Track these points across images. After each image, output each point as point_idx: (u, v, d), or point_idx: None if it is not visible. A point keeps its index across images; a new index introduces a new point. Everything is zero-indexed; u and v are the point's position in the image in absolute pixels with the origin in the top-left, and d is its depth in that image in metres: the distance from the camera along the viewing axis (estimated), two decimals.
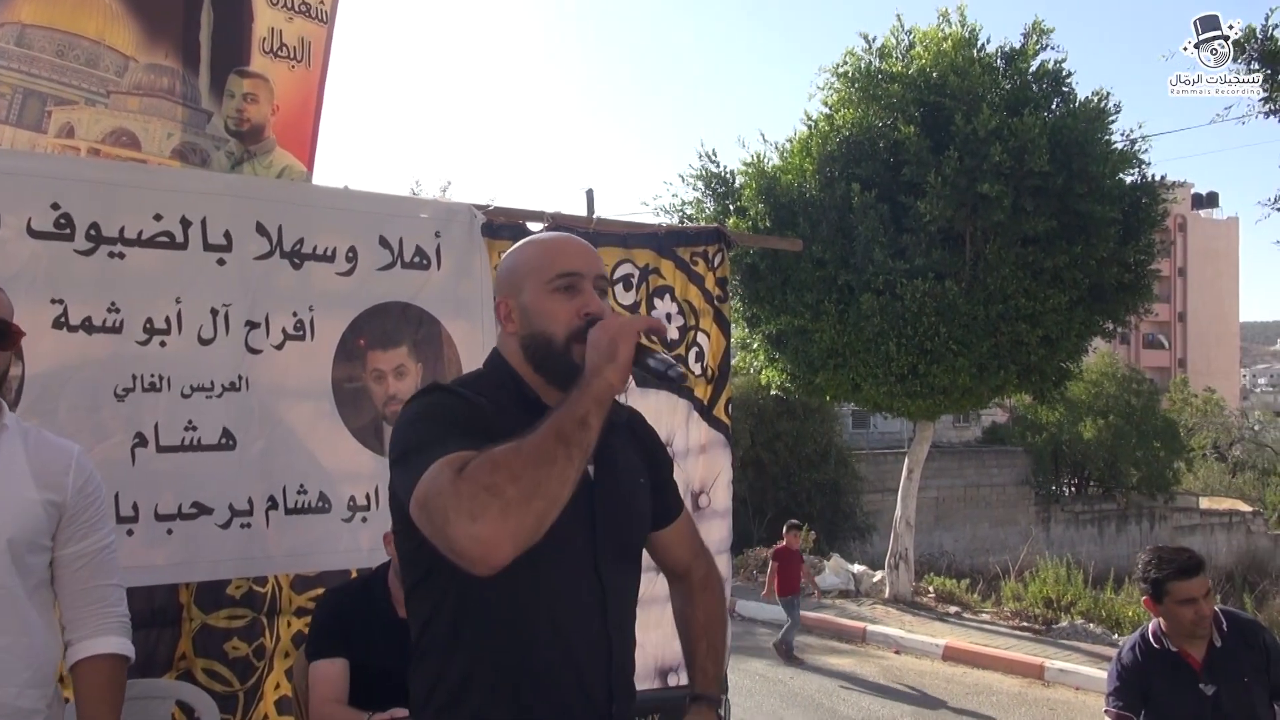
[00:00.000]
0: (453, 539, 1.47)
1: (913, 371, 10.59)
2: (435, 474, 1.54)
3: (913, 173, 10.16)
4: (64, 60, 3.19)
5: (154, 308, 3.10)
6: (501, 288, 1.88)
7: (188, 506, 3.09)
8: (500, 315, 1.88)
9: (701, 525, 4.14)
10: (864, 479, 21.77)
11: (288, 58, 3.62)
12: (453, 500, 1.47)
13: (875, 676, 8.86)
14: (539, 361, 1.80)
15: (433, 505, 1.51)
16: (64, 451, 2.17)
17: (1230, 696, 3.29)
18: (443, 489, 1.50)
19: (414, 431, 1.69)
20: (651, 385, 3.92)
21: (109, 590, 2.18)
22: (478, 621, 1.71)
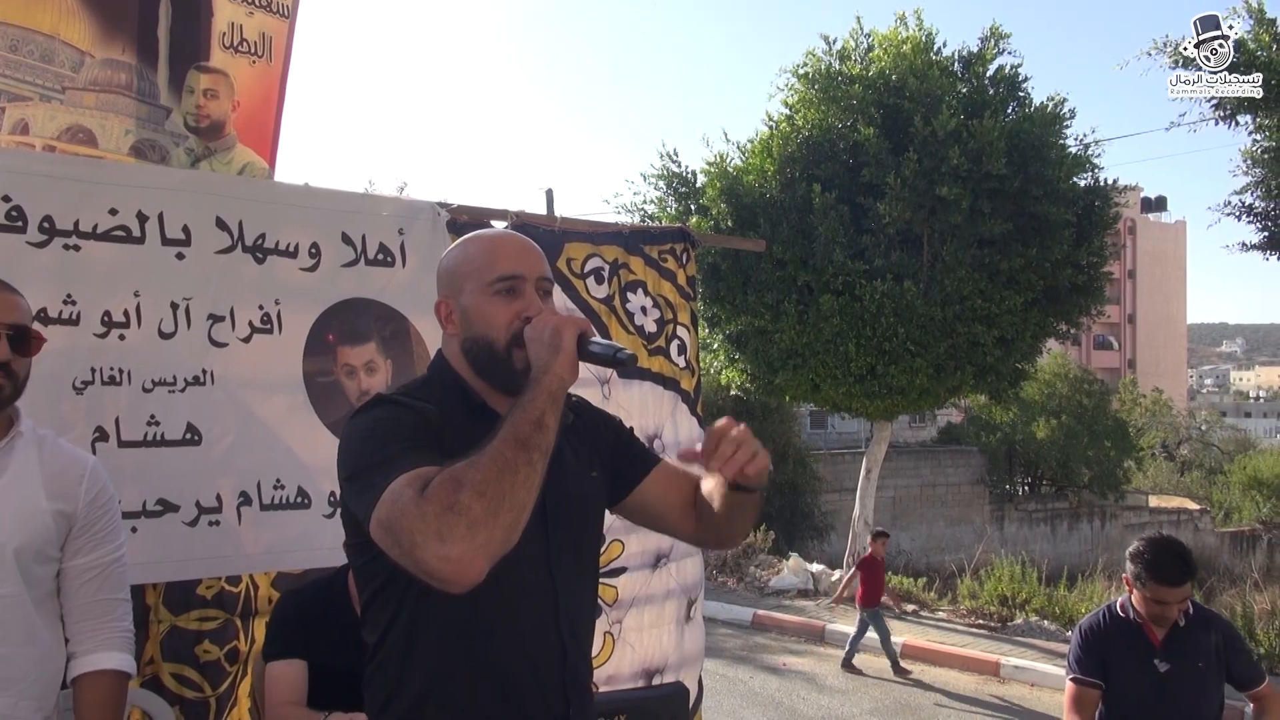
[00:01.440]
0: (423, 561, 1.45)
1: (871, 372, 10.69)
2: (396, 495, 1.50)
3: (872, 174, 10.25)
4: (17, 55, 3.11)
5: (112, 301, 3.04)
6: (442, 287, 1.84)
7: (152, 503, 3.03)
8: (440, 316, 1.84)
9: None
10: (822, 479, 21.94)
11: (248, 53, 3.57)
12: (418, 522, 1.44)
13: (834, 675, 8.92)
14: (480, 366, 1.78)
15: (398, 528, 1.48)
16: (78, 461, 2.14)
17: (1181, 677, 3.36)
18: (406, 511, 1.47)
19: (365, 448, 1.65)
20: (600, 369, 3.92)
21: (116, 604, 2.15)
22: (436, 630, 1.70)
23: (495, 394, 1.79)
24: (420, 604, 1.68)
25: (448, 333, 1.83)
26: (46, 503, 2.04)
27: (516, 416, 1.54)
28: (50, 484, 2.06)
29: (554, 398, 1.58)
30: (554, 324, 1.65)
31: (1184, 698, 3.37)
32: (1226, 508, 31.75)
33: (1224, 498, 32.45)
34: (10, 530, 1.97)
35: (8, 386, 1.97)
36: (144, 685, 3.03)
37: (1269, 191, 9.67)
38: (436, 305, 1.85)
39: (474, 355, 1.78)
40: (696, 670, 4.22)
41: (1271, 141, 9.03)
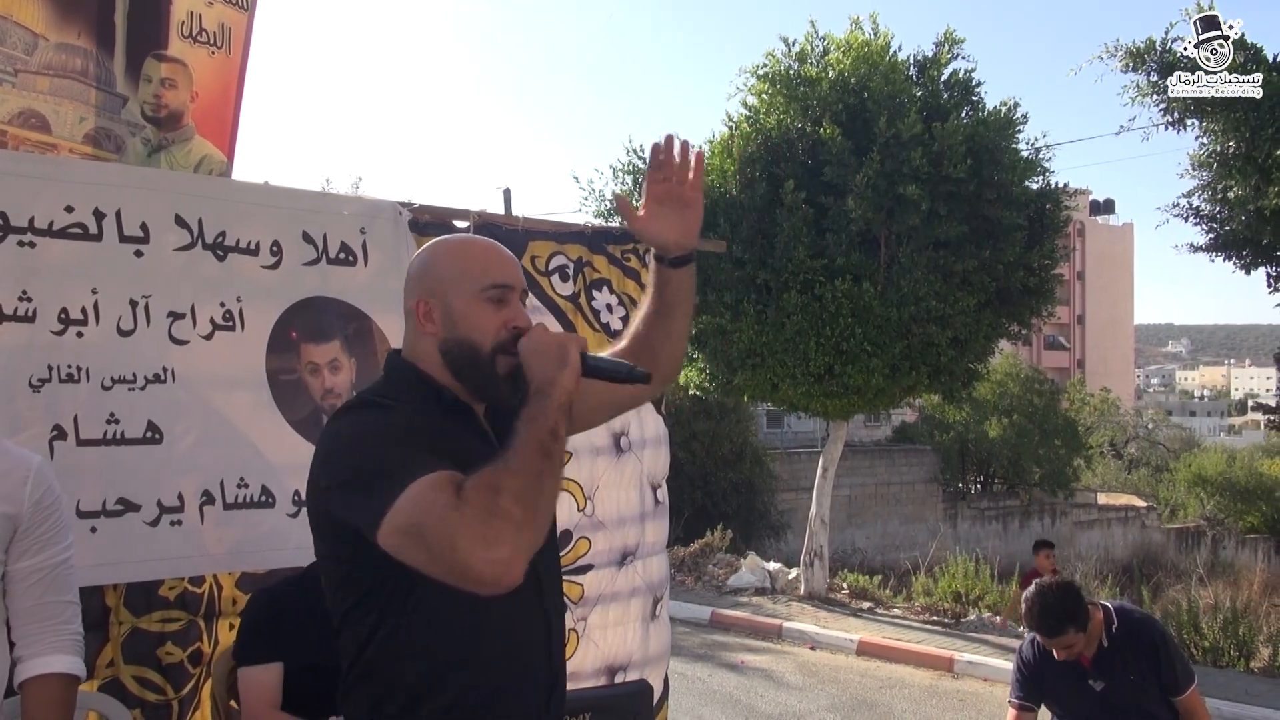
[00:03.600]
0: (468, 565, 1.46)
1: (829, 371, 10.76)
2: (422, 499, 1.50)
3: (834, 173, 10.32)
4: None
5: (69, 298, 2.99)
6: (423, 288, 1.81)
7: (112, 503, 2.98)
8: (419, 314, 1.81)
9: (655, 522, 4.19)
10: (778, 478, 22.06)
11: (207, 43, 3.51)
12: (460, 527, 1.46)
13: (791, 672, 8.97)
14: (459, 369, 1.77)
15: (433, 533, 1.48)
16: (22, 462, 2.08)
17: (1118, 691, 3.47)
18: (444, 516, 1.47)
19: (361, 453, 1.63)
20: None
21: (64, 606, 2.09)
22: (429, 633, 1.69)
23: (466, 394, 1.80)
24: (417, 608, 1.68)
25: (424, 331, 1.80)
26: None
27: (534, 427, 1.56)
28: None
29: (563, 409, 1.60)
30: (559, 339, 1.68)
31: (1128, 709, 3.48)
32: (1172, 505, 32.46)
33: (1170, 495, 33.16)
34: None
35: None
36: (104, 689, 2.97)
37: (1214, 195, 9.88)
38: (414, 304, 1.81)
39: (453, 356, 1.77)
40: (662, 668, 4.23)
41: (1217, 146, 9.22)
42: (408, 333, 1.86)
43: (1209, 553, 24.75)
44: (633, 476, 4.11)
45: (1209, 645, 9.72)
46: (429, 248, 1.88)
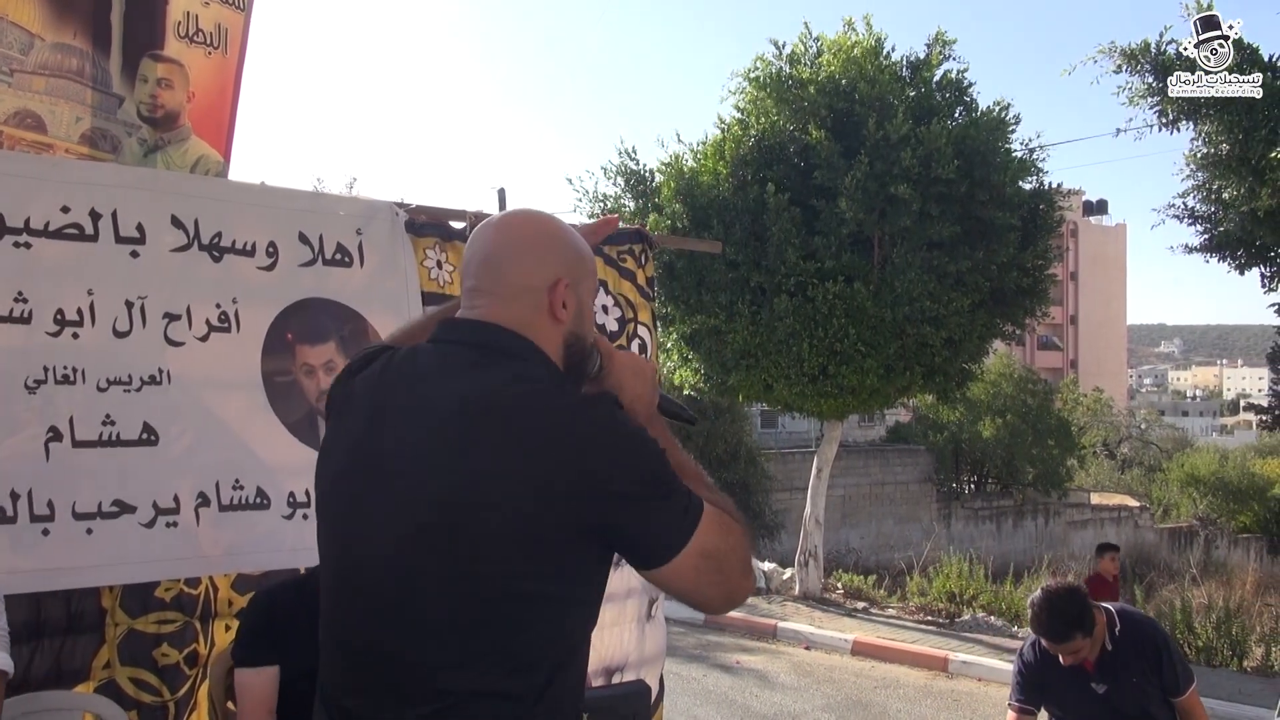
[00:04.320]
0: (743, 591, 1.50)
1: (823, 372, 10.78)
2: (720, 522, 1.47)
3: (824, 176, 10.34)
4: None
5: (64, 299, 2.98)
6: (564, 268, 1.61)
7: (108, 505, 2.96)
8: (556, 298, 1.59)
9: None
10: (773, 478, 22.08)
11: (204, 43, 3.50)
12: (745, 554, 1.49)
13: (786, 672, 8.98)
14: (571, 364, 1.61)
15: (732, 559, 1.46)
16: None
17: (1120, 694, 3.47)
18: (739, 543, 1.48)
19: (658, 459, 1.47)
20: None
21: None
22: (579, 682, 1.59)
23: None
24: (581, 658, 1.57)
25: (556, 318, 1.60)
26: None
27: (684, 457, 1.57)
28: None
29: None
30: (652, 364, 1.68)
31: (1130, 711, 3.48)
32: (1165, 504, 32.53)
33: (1163, 495, 33.24)
34: None
35: None
36: (100, 690, 2.97)
37: (1209, 196, 9.91)
38: (550, 282, 1.59)
39: (572, 352, 1.61)
40: (658, 669, 4.23)
41: (1211, 148, 9.25)
42: (521, 310, 1.59)
43: (1202, 552, 24.82)
44: None
45: (1202, 645, 9.76)
46: (556, 224, 1.68)
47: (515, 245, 1.62)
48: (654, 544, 1.43)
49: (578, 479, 1.41)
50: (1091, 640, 3.44)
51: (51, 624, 2.92)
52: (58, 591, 2.92)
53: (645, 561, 1.46)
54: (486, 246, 1.63)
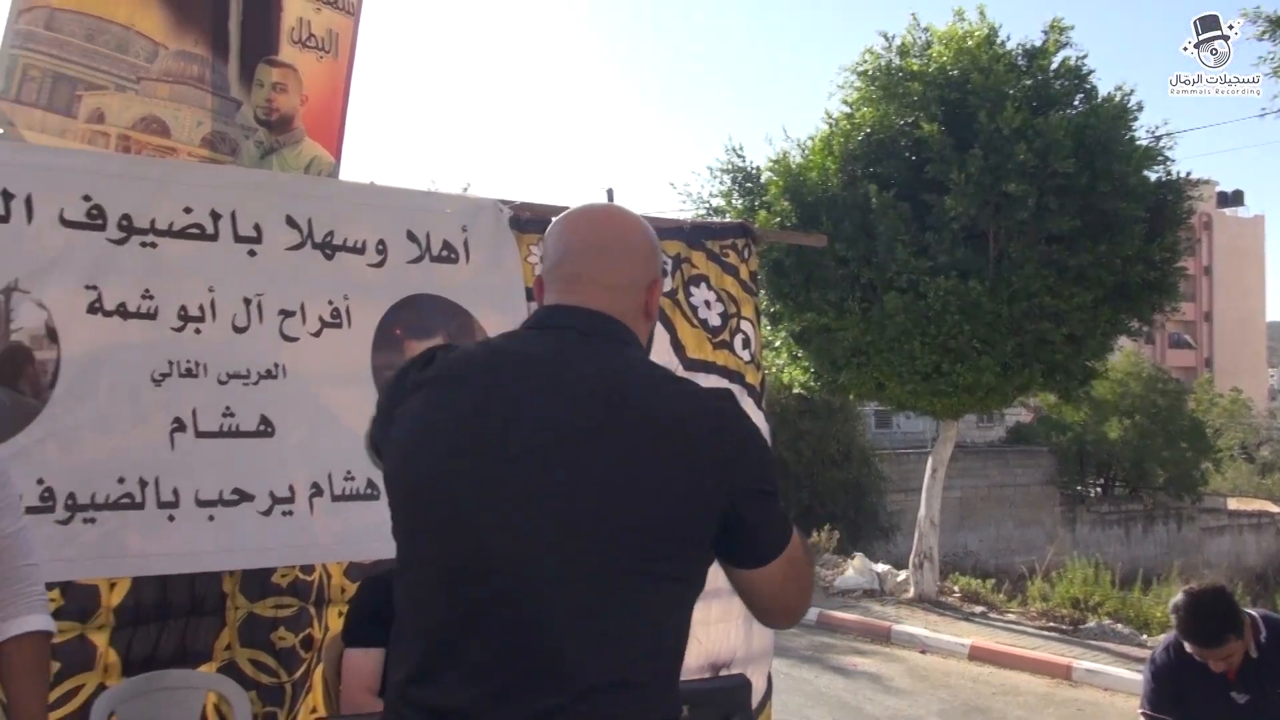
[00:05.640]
0: (806, 607, 1.59)
1: (937, 370, 10.54)
2: (800, 536, 1.53)
3: (936, 170, 10.12)
4: (94, 45, 3.19)
5: (187, 296, 3.12)
6: (659, 270, 1.65)
7: (228, 493, 3.09)
8: (653, 298, 1.63)
9: None
10: (887, 479, 21.66)
11: (316, 48, 3.63)
12: (813, 569, 1.62)
13: (901, 676, 8.81)
14: None
15: (805, 571, 1.53)
16: None
17: (1264, 706, 3.24)
18: (810, 557, 1.55)
19: (773, 463, 1.56)
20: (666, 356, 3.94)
21: (29, 570, 2.17)
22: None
23: None
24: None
25: (648, 316, 1.64)
26: None
27: None
28: None
29: None
30: None
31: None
32: None
33: None
34: None
35: None
36: (222, 670, 3.09)
37: None
38: (650, 281, 1.63)
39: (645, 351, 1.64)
40: (765, 666, 4.19)
41: None
42: (624, 303, 1.59)
43: None
44: None
45: None
46: (649, 224, 1.69)
47: (626, 239, 1.62)
48: (767, 541, 1.47)
49: (732, 473, 1.43)
50: (1240, 645, 3.24)
51: (177, 606, 3.05)
52: (182, 575, 3.05)
53: (751, 558, 1.46)
54: (597, 236, 1.62)
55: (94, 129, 3.21)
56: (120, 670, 2.94)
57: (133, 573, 2.96)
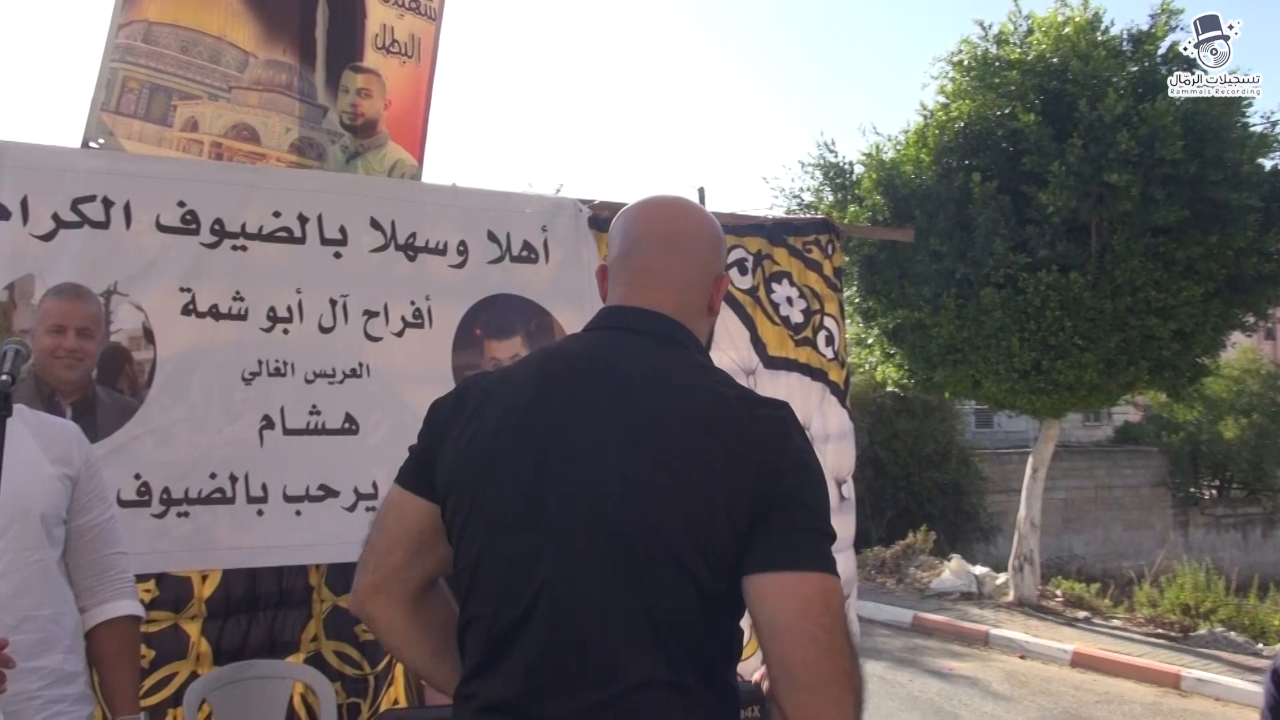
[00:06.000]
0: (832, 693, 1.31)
1: (1036, 368, 10.23)
2: (842, 618, 1.34)
3: (1034, 162, 9.82)
4: (188, 56, 3.32)
5: (276, 297, 3.22)
6: (724, 264, 1.65)
7: (315, 488, 3.19)
8: (719, 292, 1.62)
9: (841, 519, 4.10)
10: (988, 479, 21.13)
11: (399, 53, 3.71)
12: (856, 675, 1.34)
13: (999, 681, 8.58)
14: None
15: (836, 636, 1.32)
16: (65, 429, 2.26)
17: None
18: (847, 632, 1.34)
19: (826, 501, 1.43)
20: (743, 358, 3.92)
21: (118, 558, 2.26)
22: None
23: None
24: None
25: (712, 311, 1.63)
26: (51, 468, 2.14)
27: None
28: (48, 450, 2.16)
29: None
30: None
31: None
32: None
33: None
34: (34, 496, 2.08)
35: None
36: (308, 661, 3.18)
37: None
38: (720, 277, 1.63)
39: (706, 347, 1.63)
40: None
41: None
42: (690, 302, 1.59)
43: None
44: None
45: None
46: (707, 215, 1.66)
47: (695, 232, 1.60)
48: (791, 548, 1.35)
49: (772, 479, 1.38)
50: None
51: (265, 598, 3.15)
52: (270, 568, 3.15)
53: (764, 559, 1.35)
54: (666, 227, 1.60)
55: (188, 137, 3.34)
56: (211, 659, 3.05)
57: (223, 565, 3.07)
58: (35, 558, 2.07)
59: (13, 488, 2.02)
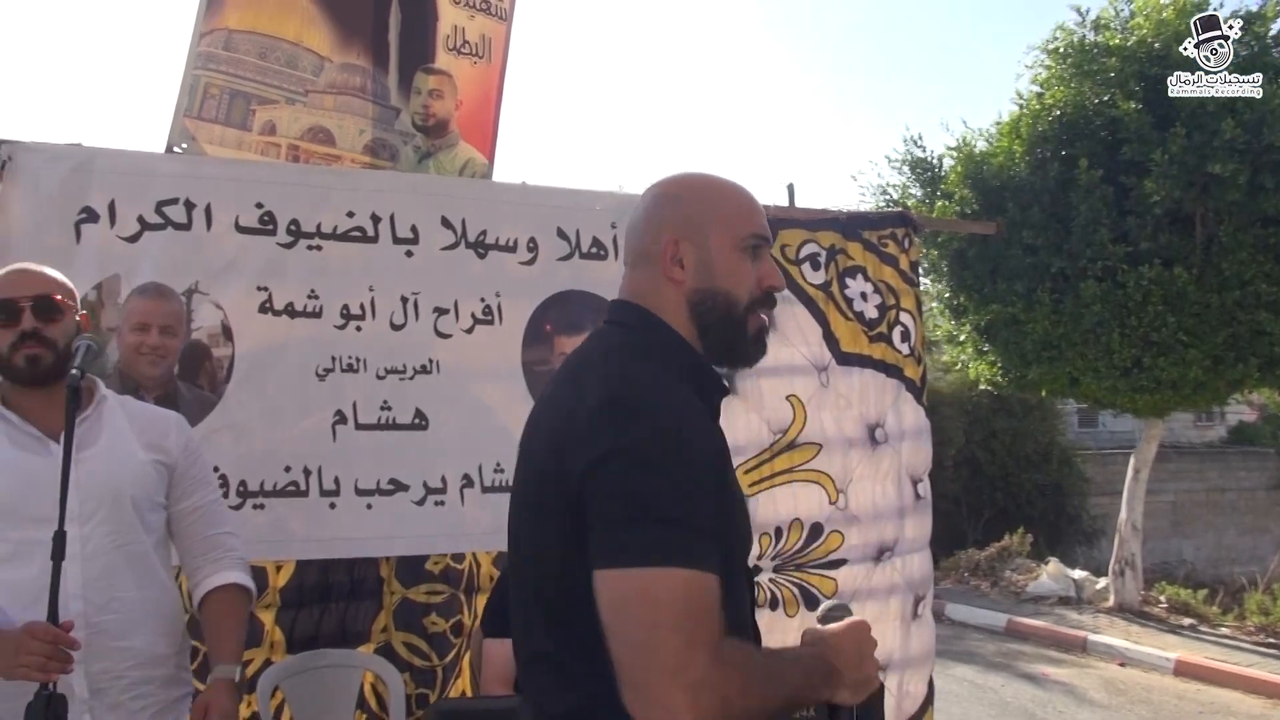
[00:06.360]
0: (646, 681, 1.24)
1: (1137, 364, 9.85)
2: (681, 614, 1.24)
3: (1134, 151, 9.46)
4: (266, 62, 3.42)
5: (349, 295, 3.29)
6: (674, 226, 1.57)
7: (385, 482, 3.25)
8: (667, 258, 1.55)
9: (916, 518, 4.03)
10: (1091, 481, 20.46)
11: (470, 54, 3.76)
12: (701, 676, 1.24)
13: (1096, 689, 8.31)
14: (709, 324, 1.55)
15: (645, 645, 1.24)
16: (163, 417, 2.35)
17: None
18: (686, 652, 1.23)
19: (664, 479, 1.31)
20: (815, 353, 3.87)
21: (225, 537, 2.34)
22: None
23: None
24: None
25: (671, 278, 1.56)
26: (144, 454, 2.23)
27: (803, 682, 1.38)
28: (142, 437, 2.24)
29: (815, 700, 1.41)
30: (877, 665, 1.48)
31: None
32: None
33: None
34: (126, 482, 2.17)
35: (47, 355, 2.10)
36: (378, 652, 3.25)
37: None
38: (660, 244, 1.56)
39: (705, 310, 1.55)
40: (925, 671, 4.05)
41: None
42: (639, 278, 1.60)
43: None
44: (890, 470, 3.96)
45: None
46: (677, 182, 1.63)
47: (636, 213, 1.64)
48: (608, 540, 1.30)
49: (601, 480, 1.33)
50: None
51: (337, 589, 3.23)
52: (342, 560, 3.22)
53: (593, 557, 1.32)
54: (632, 214, 1.67)
55: (266, 140, 3.44)
56: (285, 647, 3.14)
57: (297, 556, 3.16)
58: (125, 540, 2.15)
59: (104, 471, 2.13)
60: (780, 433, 3.80)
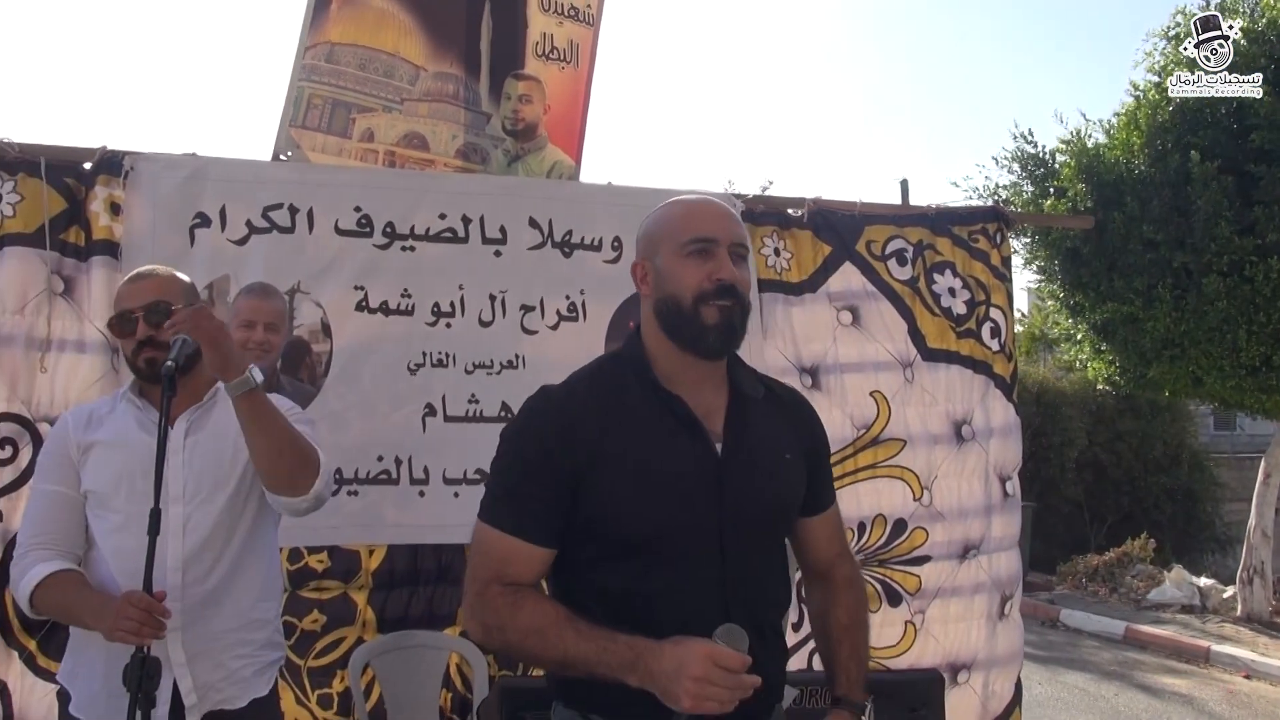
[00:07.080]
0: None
1: (1266, 363, 9.37)
2: (477, 554, 1.80)
3: (1264, 138, 9.01)
4: (365, 73, 3.61)
5: (440, 294, 3.45)
6: (639, 250, 1.89)
7: (471, 473, 3.40)
8: (636, 278, 1.88)
9: (1004, 516, 3.99)
10: (1226, 485, 19.52)
11: (558, 60, 3.88)
12: (471, 601, 1.76)
13: (1218, 702, 7.98)
14: (670, 325, 1.80)
15: (467, 575, 1.80)
16: (278, 403, 2.45)
17: None
18: (470, 581, 1.77)
19: (501, 461, 1.85)
20: (900, 349, 3.86)
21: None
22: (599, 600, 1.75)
23: (682, 359, 1.81)
24: (587, 574, 1.80)
25: (643, 294, 1.88)
26: None
27: (597, 658, 1.62)
28: None
29: (607, 672, 1.63)
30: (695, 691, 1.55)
31: None
32: None
33: None
34: (227, 460, 2.31)
35: (162, 356, 2.19)
36: (463, 635, 3.38)
37: None
38: (633, 267, 1.90)
39: (664, 315, 1.81)
40: (1013, 671, 4.00)
41: None
42: (642, 303, 1.91)
43: None
44: (976, 467, 3.92)
45: None
46: (646, 215, 1.94)
47: None
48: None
49: None
50: None
51: (426, 573, 3.39)
52: (430, 545, 3.38)
53: None
54: None
55: (365, 147, 3.62)
56: (376, 627, 3.31)
57: (388, 541, 3.33)
58: (228, 518, 2.30)
59: (214, 452, 2.31)
60: (864, 428, 3.81)
